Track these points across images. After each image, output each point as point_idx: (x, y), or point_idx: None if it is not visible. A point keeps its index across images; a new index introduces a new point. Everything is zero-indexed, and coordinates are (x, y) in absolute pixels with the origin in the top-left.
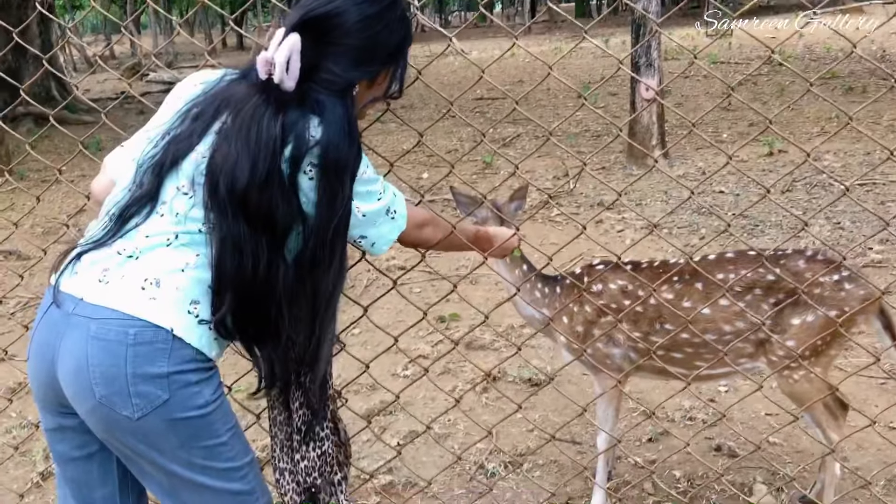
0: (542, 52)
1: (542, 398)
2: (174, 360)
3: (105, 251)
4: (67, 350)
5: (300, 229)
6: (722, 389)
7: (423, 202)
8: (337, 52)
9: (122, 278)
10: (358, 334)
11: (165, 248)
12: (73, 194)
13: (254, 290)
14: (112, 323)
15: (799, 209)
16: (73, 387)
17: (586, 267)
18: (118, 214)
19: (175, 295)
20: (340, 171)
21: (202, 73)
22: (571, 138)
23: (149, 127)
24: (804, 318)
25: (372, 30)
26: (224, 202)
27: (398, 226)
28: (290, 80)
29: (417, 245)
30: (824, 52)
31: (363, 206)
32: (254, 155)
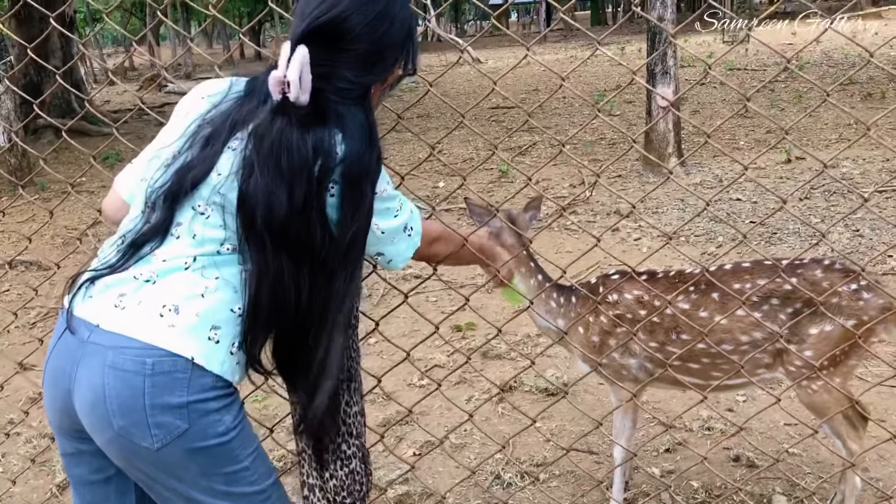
0: (558, 60)
1: (559, 407)
2: (194, 389)
3: (121, 275)
4: (84, 380)
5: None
6: (740, 399)
7: (433, 215)
8: (348, 58)
9: (140, 304)
10: (374, 343)
11: (184, 271)
12: (94, 204)
13: (295, 322)
14: (129, 352)
15: (817, 217)
16: (90, 417)
17: (602, 277)
18: (132, 241)
19: (194, 321)
20: (363, 181)
21: (208, 85)
22: (588, 146)
23: (157, 144)
24: (822, 327)
25: (380, 29)
26: (262, 235)
27: (414, 243)
28: (304, 93)
29: (429, 259)
30: (842, 58)
31: (382, 223)
32: (289, 183)
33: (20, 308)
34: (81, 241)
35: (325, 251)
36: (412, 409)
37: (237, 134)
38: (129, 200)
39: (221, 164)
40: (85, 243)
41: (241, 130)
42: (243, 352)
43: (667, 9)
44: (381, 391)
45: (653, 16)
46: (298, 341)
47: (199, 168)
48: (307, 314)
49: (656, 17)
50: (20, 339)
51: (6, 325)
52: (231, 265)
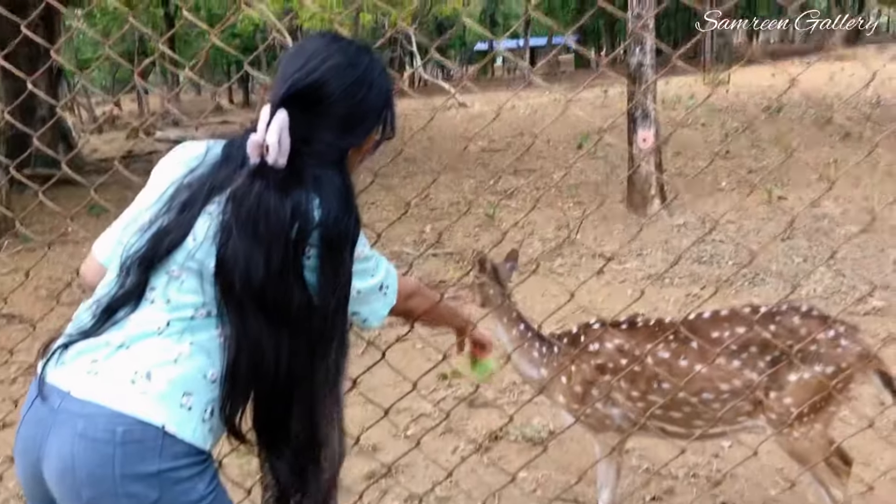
0: (542, 103)
1: (545, 456)
2: (166, 457)
3: (93, 341)
4: (54, 449)
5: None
6: (726, 445)
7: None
8: (327, 122)
9: (112, 370)
10: (357, 393)
11: (157, 336)
12: (78, 256)
13: (274, 388)
14: (99, 421)
15: (799, 256)
16: (59, 487)
17: (583, 326)
18: (106, 306)
19: (166, 388)
20: (342, 245)
21: (186, 149)
22: (571, 189)
23: (134, 207)
24: (801, 375)
25: (358, 94)
26: (240, 299)
27: (389, 301)
28: (283, 156)
29: (405, 315)
30: (821, 99)
31: (358, 284)
32: (267, 247)
33: (0, 365)
34: (59, 301)
35: (306, 317)
36: (391, 467)
37: (214, 198)
38: (106, 264)
39: (197, 228)
40: (67, 296)
41: (219, 195)
42: (217, 418)
43: (646, 55)
44: (367, 441)
45: (633, 62)
46: (278, 407)
47: (175, 233)
48: (287, 381)
49: (636, 63)
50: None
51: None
52: (205, 330)
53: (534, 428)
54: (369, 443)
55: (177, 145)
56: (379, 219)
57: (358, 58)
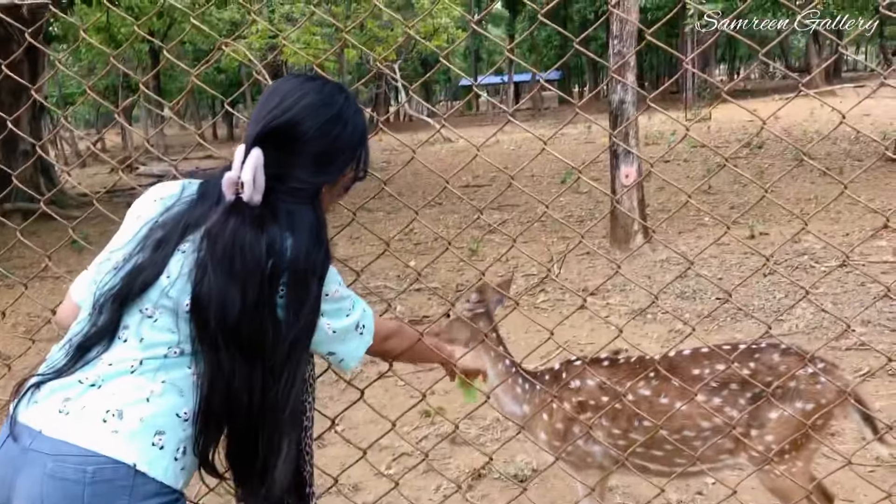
0: (527, 138)
1: (529, 495)
2: (136, 496)
3: (66, 380)
4: (23, 489)
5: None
6: (709, 482)
7: (390, 310)
8: (301, 160)
9: (83, 409)
10: (341, 431)
11: (129, 375)
12: (59, 291)
13: (247, 422)
14: (70, 460)
15: (781, 292)
16: None
17: (565, 363)
18: (79, 344)
19: (138, 426)
20: (309, 278)
21: (161, 188)
22: (556, 224)
23: (110, 247)
24: (781, 412)
25: (332, 132)
26: (215, 336)
27: (366, 341)
28: (258, 193)
29: (383, 356)
30: (801, 134)
31: (333, 322)
32: (242, 283)
33: None
34: (36, 339)
35: (274, 349)
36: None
37: (189, 237)
38: (81, 305)
39: (171, 266)
40: (48, 333)
41: (194, 233)
42: (190, 456)
43: (627, 92)
44: (347, 481)
45: (614, 99)
46: (250, 442)
47: (149, 271)
48: (259, 414)
49: (617, 100)
50: None
51: None
52: (178, 368)
53: (517, 466)
54: (350, 482)
55: (160, 180)
56: (363, 253)
57: (332, 97)
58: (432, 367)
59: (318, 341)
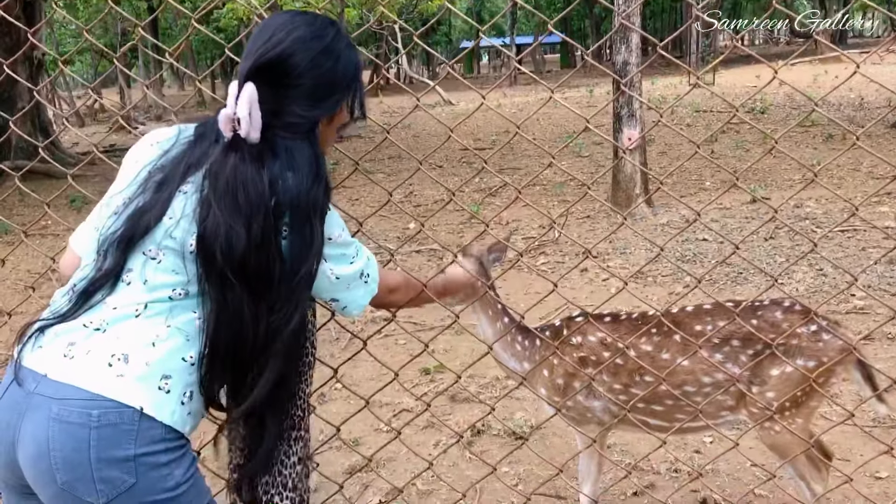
0: (528, 102)
1: (527, 451)
2: (142, 441)
3: (71, 324)
4: (28, 433)
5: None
6: (707, 440)
7: (393, 260)
8: (295, 94)
9: (88, 353)
10: (341, 388)
11: (134, 319)
12: (58, 247)
13: (252, 357)
14: (75, 403)
15: (782, 256)
16: (33, 471)
17: (566, 319)
18: (84, 289)
19: (144, 370)
20: (312, 215)
21: (157, 133)
22: (557, 188)
23: (109, 195)
24: (783, 369)
25: (325, 65)
26: (222, 272)
27: (370, 290)
28: (255, 130)
29: (387, 307)
30: (804, 101)
31: (336, 268)
32: (247, 217)
33: None
34: (35, 290)
35: (277, 287)
36: (371, 458)
37: (190, 177)
38: (82, 254)
39: (175, 207)
40: (48, 288)
41: (195, 173)
42: (196, 401)
43: (631, 53)
44: (347, 436)
45: (618, 60)
46: (255, 379)
47: (153, 212)
48: (263, 351)
49: (621, 61)
50: None
51: None
52: (183, 312)
53: (516, 422)
54: (350, 437)
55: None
56: (363, 215)
57: (323, 30)
58: (433, 326)
59: (320, 287)
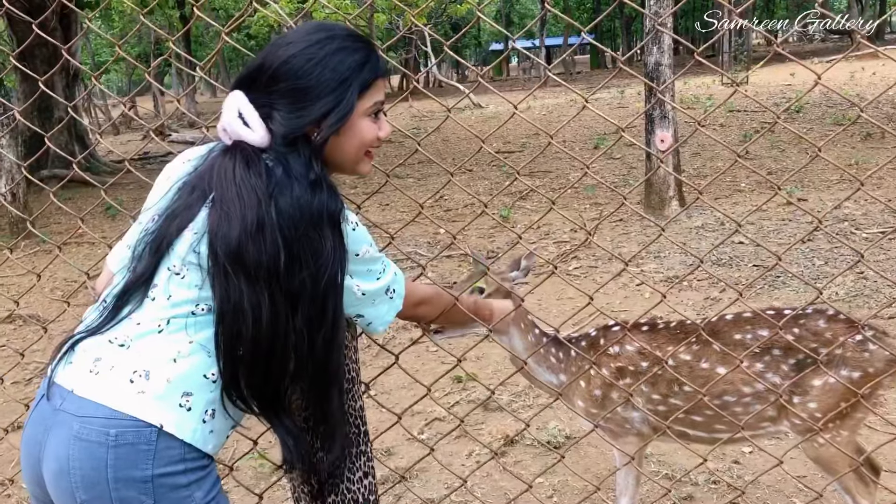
0: (558, 104)
1: (562, 462)
2: (160, 461)
3: (98, 339)
4: (52, 449)
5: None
6: (747, 451)
7: (424, 274)
8: (278, 99)
9: (112, 369)
10: (374, 395)
11: (157, 335)
12: (94, 256)
13: (257, 350)
14: (95, 422)
15: (821, 259)
16: (55, 489)
17: (602, 329)
18: (114, 302)
19: (165, 387)
20: (316, 223)
21: (189, 151)
22: (588, 190)
23: (142, 212)
24: (826, 379)
25: (303, 69)
26: (223, 265)
27: (395, 305)
28: (256, 133)
29: (415, 320)
30: (841, 99)
31: (363, 284)
32: (240, 208)
33: (14, 366)
34: (69, 303)
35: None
36: (405, 476)
37: (213, 192)
38: (116, 271)
39: (198, 221)
40: (83, 297)
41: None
42: (220, 419)
43: (663, 54)
44: (380, 445)
45: (650, 61)
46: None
47: (180, 219)
48: (269, 343)
49: (653, 62)
50: (15, 396)
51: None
52: (206, 328)
53: (549, 432)
54: (382, 447)
55: (191, 146)
56: (393, 220)
57: (312, 36)
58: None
59: (346, 302)
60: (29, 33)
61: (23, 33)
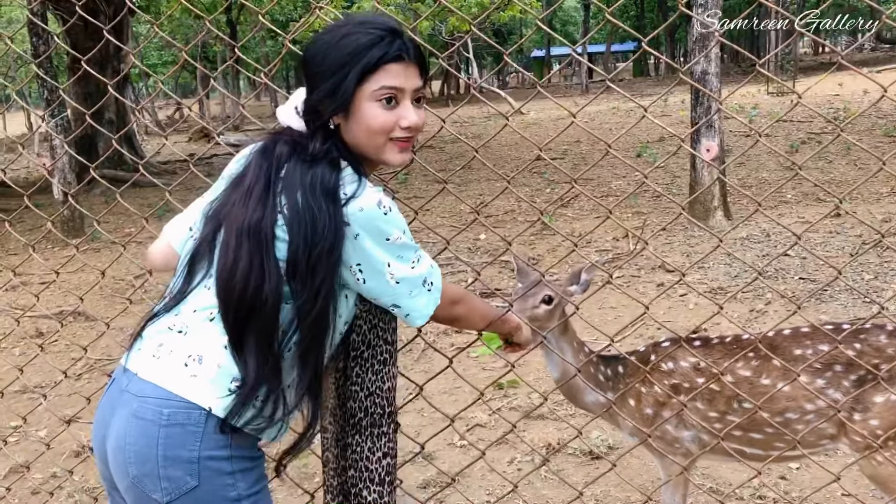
0: (600, 111)
1: (604, 471)
2: (207, 444)
3: (161, 324)
4: (114, 428)
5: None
6: (793, 466)
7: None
8: (308, 84)
9: (171, 353)
10: (414, 401)
11: (209, 322)
12: (141, 256)
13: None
14: (150, 402)
15: (870, 273)
16: (114, 464)
17: (652, 345)
18: (178, 291)
19: (216, 372)
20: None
21: (246, 150)
22: (632, 199)
23: (205, 197)
24: (889, 396)
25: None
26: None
27: (434, 299)
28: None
29: (451, 322)
30: (892, 109)
31: (396, 269)
32: (249, 187)
33: (69, 361)
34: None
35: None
36: (455, 479)
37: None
38: (177, 248)
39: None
40: (134, 296)
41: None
42: (272, 406)
43: (710, 63)
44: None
45: (696, 69)
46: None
47: (227, 210)
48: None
49: (700, 70)
50: (66, 391)
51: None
52: None
53: (592, 442)
54: (425, 451)
55: (237, 149)
56: (434, 224)
57: (339, 23)
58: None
59: (380, 291)
60: (83, 36)
61: (76, 37)
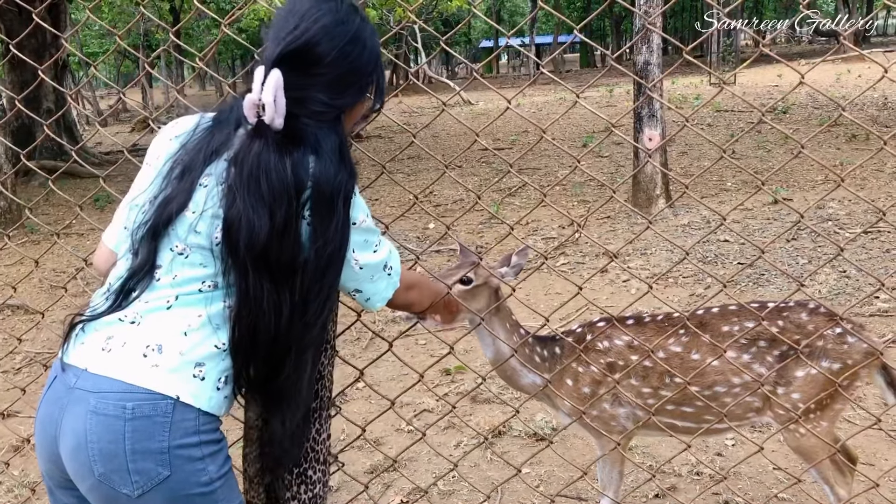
0: (547, 101)
1: (548, 452)
2: (176, 433)
3: (107, 318)
4: (68, 426)
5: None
6: (729, 443)
7: (418, 262)
8: (320, 81)
9: (125, 345)
10: (362, 388)
11: (165, 311)
12: (82, 248)
13: (273, 347)
14: (111, 396)
15: (805, 258)
16: (73, 464)
17: (587, 325)
18: (119, 288)
19: (178, 360)
20: (335, 198)
21: (176, 125)
22: (577, 188)
23: (132, 192)
24: (808, 370)
25: (351, 54)
26: (245, 260)
27: (393, 283)
28: (279, 116)
29: (406, 307)
30: (827, 100)
31: (360, 256)
32: (270, 205)
33: (6, 354)
34: (67, 290)
35: (304, 275)
36: (396, 460)
37: (210, 166)
38: (115, 249)
39: (196, 200)
40: (72, 287)
41: (215, 161)
42: (231, 385)
43: (652, 53)
44: (369, 435)
45: (638, 60)
46: (273, 366)
47: (176, 201)
48: (285, 339)
49: (642, 61)
50: (3, 386)
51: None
52: (213, 302)
53: (536, 424)
54: (372, 436)
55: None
56: (382, 215)
57: (348, 16)
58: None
59: (345, 276)
60: (17, 23)
61: (10, 23)
